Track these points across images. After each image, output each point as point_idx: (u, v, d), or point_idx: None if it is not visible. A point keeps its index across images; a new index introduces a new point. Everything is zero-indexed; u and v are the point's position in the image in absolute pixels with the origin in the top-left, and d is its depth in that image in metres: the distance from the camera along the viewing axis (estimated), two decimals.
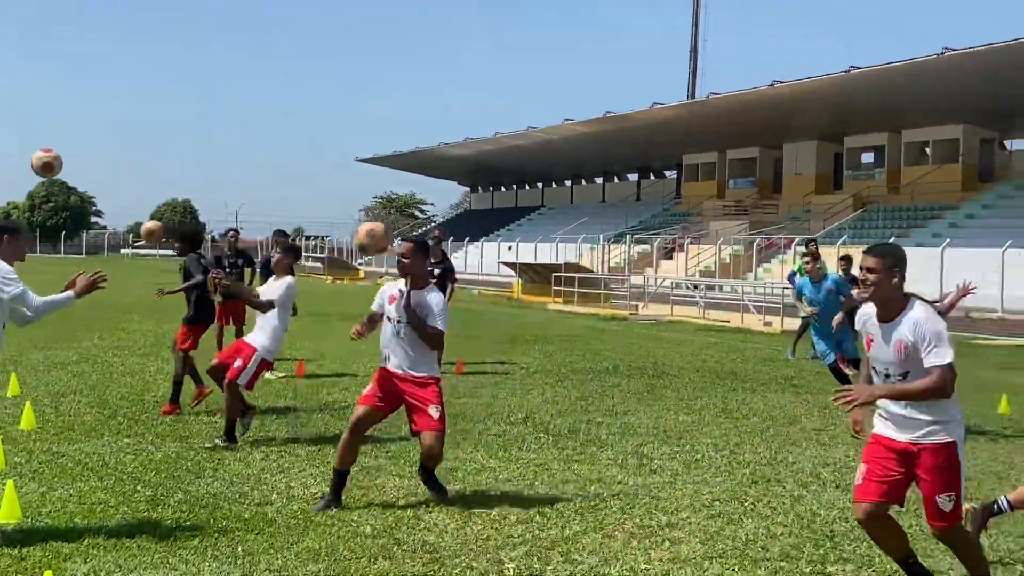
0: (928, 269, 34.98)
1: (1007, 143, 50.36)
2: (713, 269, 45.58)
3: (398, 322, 7.06)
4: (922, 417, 4.99)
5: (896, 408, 5.05)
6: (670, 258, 50.66)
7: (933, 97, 43.81)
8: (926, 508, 5.08)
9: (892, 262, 4.99)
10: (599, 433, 9.92)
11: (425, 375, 7.09)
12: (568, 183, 79.68)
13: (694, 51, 69.78)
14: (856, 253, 17.91)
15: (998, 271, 32.44)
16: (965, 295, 9.96)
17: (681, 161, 63.96)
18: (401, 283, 7.19)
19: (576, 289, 33.14)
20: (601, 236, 52.13)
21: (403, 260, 7.11)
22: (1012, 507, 6.04)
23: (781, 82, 45.54)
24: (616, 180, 75.08)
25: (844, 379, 10.99)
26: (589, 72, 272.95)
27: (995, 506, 6.05)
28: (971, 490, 7.83)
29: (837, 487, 7.82)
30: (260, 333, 9.31)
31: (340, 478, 7.01)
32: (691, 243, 49.59)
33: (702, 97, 54.36)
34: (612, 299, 32.66)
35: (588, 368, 15.49)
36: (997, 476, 8.44)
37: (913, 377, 4.97)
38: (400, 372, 7.05)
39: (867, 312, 5.20)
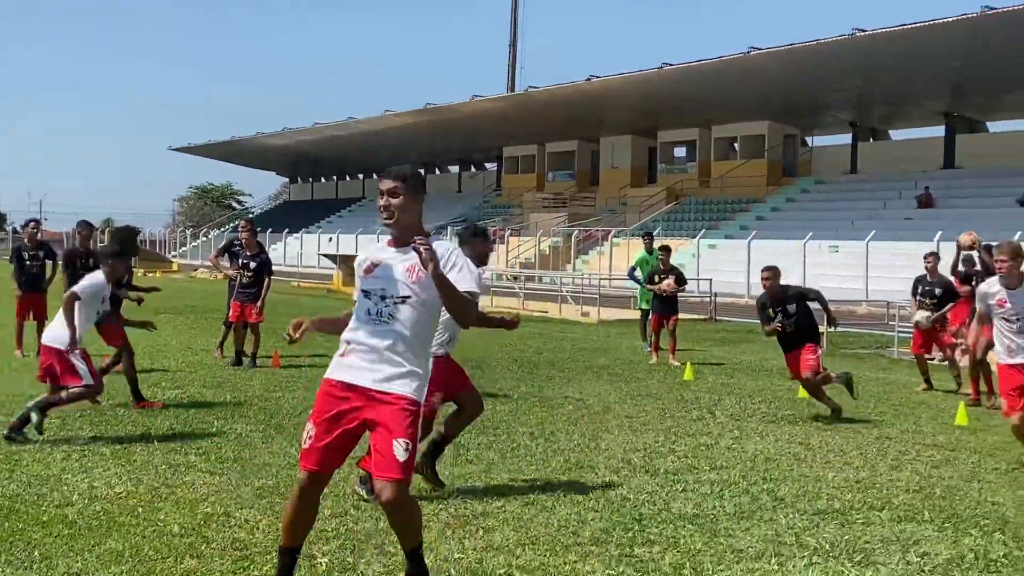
0: (736, 259, 36.54)
1: (808, 139, 52.96)
2: (533, 260, 46.21)
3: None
4: (398, 358, 4.51)
5: (369, 339, 4.54)
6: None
7: (740, 94, 45.61)
8: (379, 460, 4.52)
9: (415, 183, 4.53)
10: None
11: None
12: None
13: (513, 45, 70.69)
14: (671, 244, 18.64)
15: (800, 262, 34.01)
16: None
17: (501, 154, 64.65)
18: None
19: None
20: None
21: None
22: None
23: (597, 77, 46.50)
24: (437, 172, 75.24)
25: None
26: (411, 64, 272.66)
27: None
28: (770, 470, 8.21)
29: (646, 472, 8.04)
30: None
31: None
32: (511, 235, 50.15)
33: (521, 91, 55.00)
34: None
35: None
36: (795, 457, 8.85)
37: (411, 310, 4.50)
38: None
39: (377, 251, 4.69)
